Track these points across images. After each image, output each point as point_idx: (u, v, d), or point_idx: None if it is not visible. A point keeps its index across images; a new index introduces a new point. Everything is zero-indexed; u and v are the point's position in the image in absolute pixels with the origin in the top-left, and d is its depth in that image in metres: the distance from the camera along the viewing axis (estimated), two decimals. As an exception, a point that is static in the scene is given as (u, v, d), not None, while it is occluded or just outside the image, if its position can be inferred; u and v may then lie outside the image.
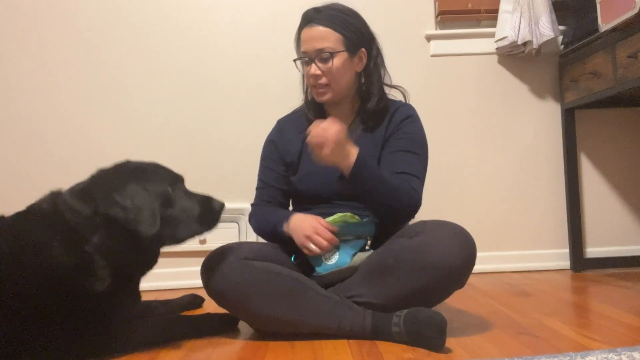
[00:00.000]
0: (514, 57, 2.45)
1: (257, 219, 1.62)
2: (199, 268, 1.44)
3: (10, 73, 2.36)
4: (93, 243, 1.22)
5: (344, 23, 1.50)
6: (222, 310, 1.47)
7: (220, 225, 2.30)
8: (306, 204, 1.61)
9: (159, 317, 1.46)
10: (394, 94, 1.67)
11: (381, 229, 1.52)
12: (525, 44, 2.33)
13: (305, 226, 1.42)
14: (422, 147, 1.56)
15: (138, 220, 1.23)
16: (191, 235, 1.36)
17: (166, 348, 1.36)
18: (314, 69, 1.51)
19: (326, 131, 1.33)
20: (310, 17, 1.51)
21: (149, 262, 1.37)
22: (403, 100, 1.67)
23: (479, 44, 2.46)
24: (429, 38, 2.46)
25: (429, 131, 1.60)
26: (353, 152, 1.37)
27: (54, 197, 1.31)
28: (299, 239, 1.44)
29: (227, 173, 2.38)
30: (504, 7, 2.36)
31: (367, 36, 1.57)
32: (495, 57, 2.48)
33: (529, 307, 1.66)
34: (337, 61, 1.49)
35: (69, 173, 2.34)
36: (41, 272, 1.17)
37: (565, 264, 2.43)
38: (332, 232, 1.42)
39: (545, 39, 2.29)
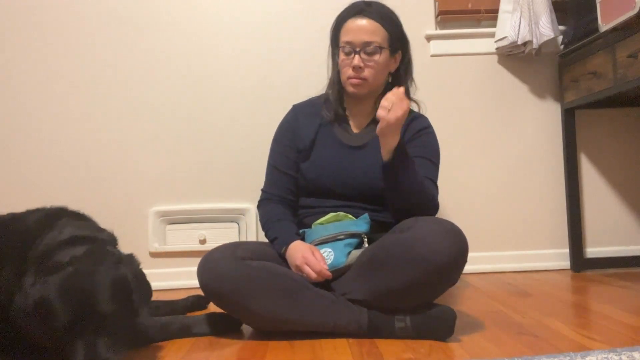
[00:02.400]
0: (514, 57, 2.45)
1: (263, 217, 1.64)
2: (199, 268, 1.44)
3: (8, 71, 2.35)
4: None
5: (392, 22, 1.57)
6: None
7: (220, 225, 2.35)
8: (310, 196, 1.62)
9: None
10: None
11: (380, 229, 1.52)
12: (525, 44, 2.33)
13: (298, 256, 1.43)
14: (438, 158, 1.64)
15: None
16: None
17: (166, 349, 1.36)
18: (357, 60, 1.52)
19: (401, 102, 1.36)
20: (361, 9, 1.55)
21: None
22: (418, 111, 1.73)
23: (479, 44, 2.46)
24: (429, 38, 2.46)
25: (428, 131, 1.64)
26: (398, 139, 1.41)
27: (46, 220, 1.23)
28: (290, 267, 1.47)
29: (227, 173, 2.38)
30: (504, 7, 2.36)
31: (405, 40, 1.64)
32: (495, 57, 2.48)
33: (529, 307, 1.66)
34: (381, 57, 1.54)
35: (68, 172, 2.36)
36: None
37: (565, 264, 2.43)
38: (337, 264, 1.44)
39: (545, 39, 2.29)
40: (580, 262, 2.38)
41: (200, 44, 2.40)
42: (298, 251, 1.45)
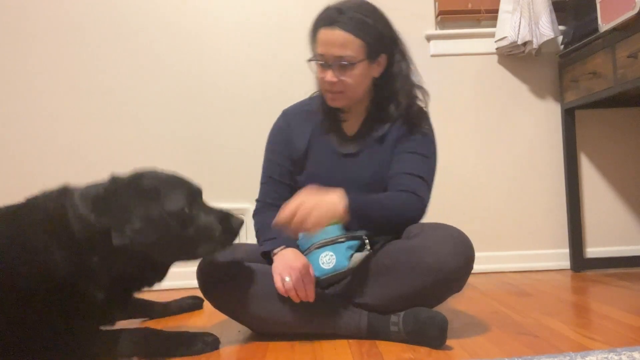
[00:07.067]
0: (514, 57, 2.45)
1: (257, 223, 1.56)
2: (198, 268, 1.44)
3: (4, 74, 2.35)
4: (98, 256, 1.20)
5: (367, 28, 1.38)
6: (217, 313, 1.47)
7: (220, 225, 2.35)
8: None
9: (140, 330, 1.33)
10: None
11: (384, 233, 1.51)
12: (525, 44, 2.33)
13: (296, 265, 1.33)
14: (433, 152, 1.53)
15: (152, 249, 1.20)
16: (209, 253, 1.33)
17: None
18: (330, 75, 1.39)
19: (302, 206, 1.24)
20: (332, 19, 1.36)
21: (159, 278, 1.35)
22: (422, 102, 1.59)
23: (479, 44, 2.46)
24: (429, 38, 2.46)
25: (428, 131, 1.62)
26: (338, 199, 1.29)
27: (62, 198, 1.26)
28: (274, 269, 1.35)
29: (226, 173, 2.38)
30: (504, 7, 2.36)
31: (390, 41, 1.46)
32: (495, 57, 2.47)
33: (529, 307, 1.66)
34: (356, 70, 1.39)
35: (67, 172, 2.35)
36: (37, 276, 1.15)
37: (566, 264, 2.43)
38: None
39: (545, 39, 2.30)
40: (580, 262, 2.38)
41: (201, 45, 2.40)
42: (295, 261, 1.34)
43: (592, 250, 2.45)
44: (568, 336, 1.31)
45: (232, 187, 2.38)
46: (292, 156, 1.56)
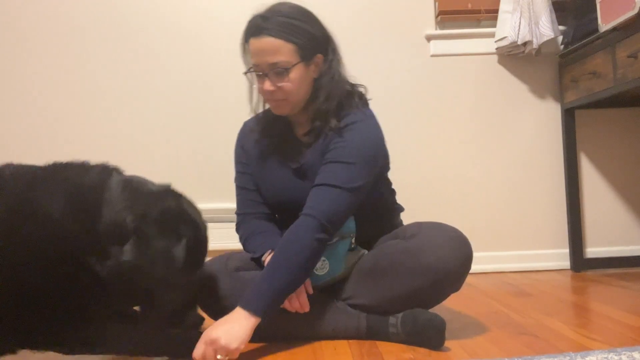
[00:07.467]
0: (514, 57, 2.45)
1: (242, 235, 1.54)
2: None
3: (4, 74, 2.35)
4: (110, 244, 1.18)
5: (296, 31, 1.34)
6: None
7: (220, 225, 2.35)
8: (279, 217, 1.54)
9: (144, 328, 1.31)
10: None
11: (367, 229, 1.49)
12: (525, 44, 2.33)
13: None
14: (359, 156, 1.35)
15: (136, 275, 1.16)
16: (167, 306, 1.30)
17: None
18: (268, 84, 1.36)
19: (212, 346, 1.17)
20: (259, 27, 1.33)
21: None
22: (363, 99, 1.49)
23: (479, 44, 2.46)
24: (429, 38, 2.46)
25: (428, 131, 1.60)
26: (242, 315, 1.20)
27: (104, 175, 1.24)
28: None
29: (226, 173, 2.37)
30: (504, 7, 2.36)
31: (322, 39, 1.41)
32: (495, 57, 2.48)
33: (529, 307, 1.66)
34: (293, 75, 1.35)
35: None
36: (44, 242, 1.14)
37: (566, 264, 2.43)
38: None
39: (545, 39, 2.30)
40: (580, 262, 2.38)
41: (201, 45, 2.40)
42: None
43: (592, 250, 2.45)
44: (568, 336, 1.32)
45: (231, 187, 2.37)
46: (249, 165, 1.55)
